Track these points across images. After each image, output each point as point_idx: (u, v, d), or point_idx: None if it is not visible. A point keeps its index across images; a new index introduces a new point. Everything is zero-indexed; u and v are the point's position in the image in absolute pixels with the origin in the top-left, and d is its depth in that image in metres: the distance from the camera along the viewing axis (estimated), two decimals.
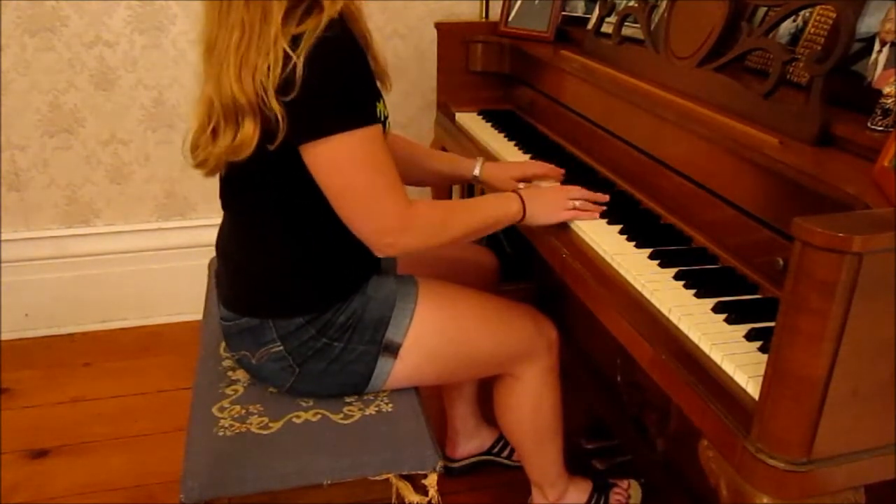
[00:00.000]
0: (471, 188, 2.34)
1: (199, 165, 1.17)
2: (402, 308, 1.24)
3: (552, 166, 1.47)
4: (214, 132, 1.11)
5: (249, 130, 1.07)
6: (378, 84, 1.16)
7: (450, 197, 2.13)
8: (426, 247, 1.20)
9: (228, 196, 1.25)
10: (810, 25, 1.24)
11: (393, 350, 1.23)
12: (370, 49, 1.15)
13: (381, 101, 1.17)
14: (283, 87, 1.03)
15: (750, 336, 0.93)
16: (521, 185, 1.44)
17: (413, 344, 1.24)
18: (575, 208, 1.27)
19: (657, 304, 1.03)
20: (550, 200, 1.29)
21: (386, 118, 1.19)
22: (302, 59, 1.01)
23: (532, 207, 1.27)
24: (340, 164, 1.08)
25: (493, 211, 1.27)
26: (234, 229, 1.27)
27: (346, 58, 1.07)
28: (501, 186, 1.46)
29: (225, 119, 1.08)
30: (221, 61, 1.06)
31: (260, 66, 1.03)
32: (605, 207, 1.30)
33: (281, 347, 1.22)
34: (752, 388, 0.84)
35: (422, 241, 1.18)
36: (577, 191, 1.30)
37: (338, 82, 1.06)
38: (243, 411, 1.23)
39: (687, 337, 0.96)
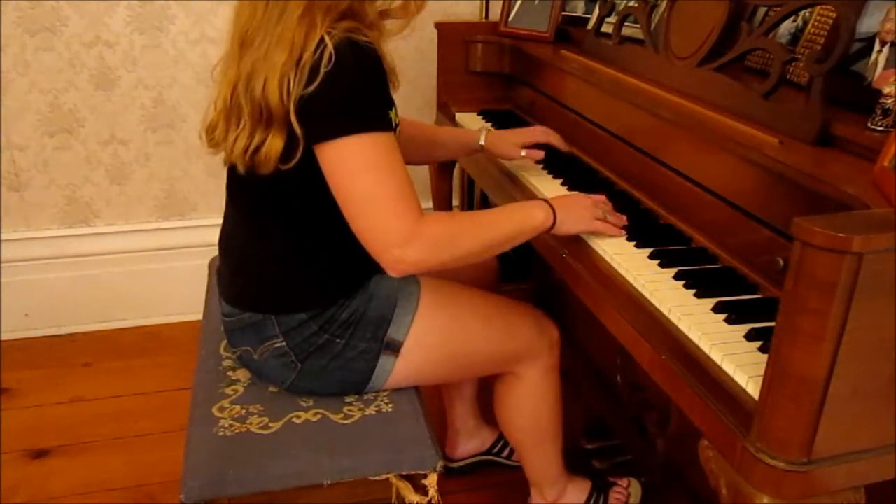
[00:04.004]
0: (471, 184, 2.35)
1: (213, 147, 1.19)
2: (405, 306, 1.24)
3: (557, 134, 1.51)
4: (227, 121, 1.13)
5: (277, 144, 1.08)
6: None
7: (450, 184, 2.12)
8: (435, 262, 1.12)
9: (235, 189, 1.25)
10: (810, 25, 1.24)
11: (394, 348, 1.23)
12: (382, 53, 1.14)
13: (394, 110, 1.16)
14: (309, 76, 1.04)
15: (750, 336, 0.93)
16: (523, 153, 1.52)
17: (415, 343, 1.24)
18: (606, 221, 1.22)
19: (657, 304, 1.03)
20: (580, 208, 1.23)
21: (398, 125, 1.18)
22: (331, 46, 1.03)
23: (563, 214, 1.21)
24: (353, 166, 1.07)
25: (513, 223, 1.20)
26: (239, 224, 1.27)
27: (369, 58, 1.07)
28: (505, 153, 1.55)
29: (251, 117, 1.09)
30: (255, 60, 1.07)
31: (289, 61, 1.04)
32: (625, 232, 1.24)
33: (283, 343, 1.22)
34: (752, 388, 0.84)
35: (429, 254, 1.10)
36: (602, 200, 1.26)
37: (358, 79, 1.06)
38: (243, 411, 1.23)
39: (687, 337, 0.96)
